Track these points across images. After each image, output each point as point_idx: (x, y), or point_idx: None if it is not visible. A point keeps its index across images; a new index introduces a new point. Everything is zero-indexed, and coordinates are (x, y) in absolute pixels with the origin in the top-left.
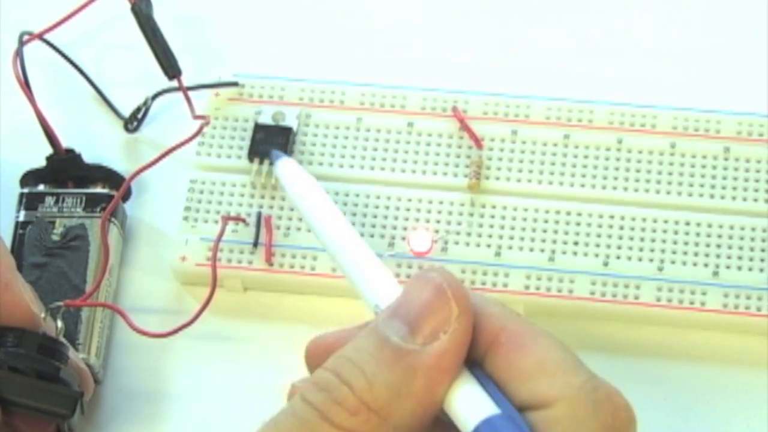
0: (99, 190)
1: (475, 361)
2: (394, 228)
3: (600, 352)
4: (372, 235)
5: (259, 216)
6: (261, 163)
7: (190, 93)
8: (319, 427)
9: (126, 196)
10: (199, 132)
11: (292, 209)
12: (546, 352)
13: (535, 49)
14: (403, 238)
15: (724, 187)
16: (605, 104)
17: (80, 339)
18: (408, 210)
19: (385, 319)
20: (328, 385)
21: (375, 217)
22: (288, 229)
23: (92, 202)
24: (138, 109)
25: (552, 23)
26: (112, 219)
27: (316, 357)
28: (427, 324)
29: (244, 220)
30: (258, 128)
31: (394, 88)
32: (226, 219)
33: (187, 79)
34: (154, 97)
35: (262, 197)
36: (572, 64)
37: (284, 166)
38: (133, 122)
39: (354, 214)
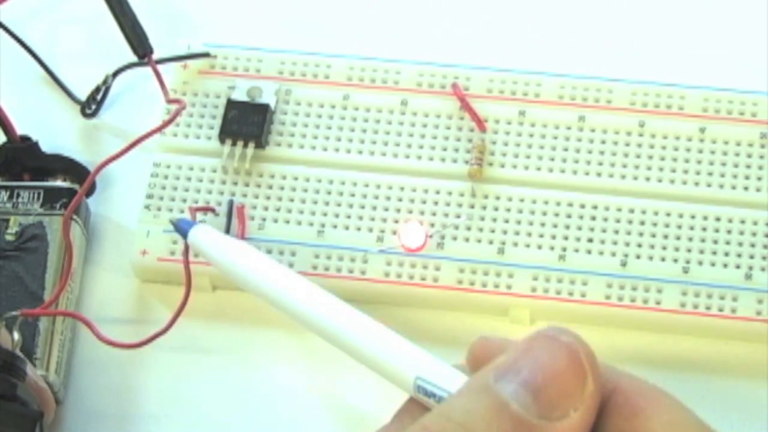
0: (59, 183)
1: None
2: (384, 220)
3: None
4: (359, 228)
5: (230, 205)
6: (233, 145)
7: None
8: None
9: (89, 190)
10: (173, 118)
11: (268, 197)
12: (673, 413)
13: (546, 19)
14: (394, 232)
15: (759, 178)
16: (626, 82)
17: (38, 353)
18: (400, 200)
19: (500, 378)
20: None
21: (362, 207)
22: (263, 220)
23: (51, 197)
24: (97, 90)
25: None
26: (74, 217)
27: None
28: (558, 396)
29: (213, 210)
30: (231, 105)
31: (386, 62)
32: (194, 210)
33: None
34: (115, 74)
35: (235, 184)
36: (589, 35)
37: (204, 235)
38: (90, 105)
39: (339, 204)
